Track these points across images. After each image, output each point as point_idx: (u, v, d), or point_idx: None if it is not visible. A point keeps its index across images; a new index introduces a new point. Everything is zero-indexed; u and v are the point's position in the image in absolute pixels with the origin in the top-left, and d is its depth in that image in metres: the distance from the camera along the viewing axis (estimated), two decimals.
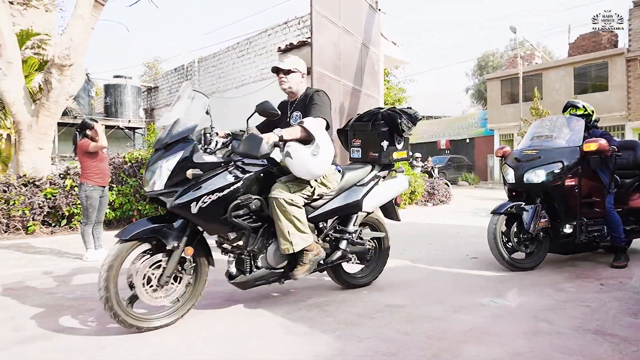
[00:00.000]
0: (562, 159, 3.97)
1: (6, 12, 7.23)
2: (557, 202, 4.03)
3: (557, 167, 3.95)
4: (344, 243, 3.19)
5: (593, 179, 4.12)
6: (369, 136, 3.45)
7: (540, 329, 2.63)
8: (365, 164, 3.42)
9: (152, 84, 16.02)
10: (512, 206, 4.05)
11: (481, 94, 35.34)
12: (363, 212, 3.27)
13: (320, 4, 5.56)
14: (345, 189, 3.20)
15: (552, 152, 4.07)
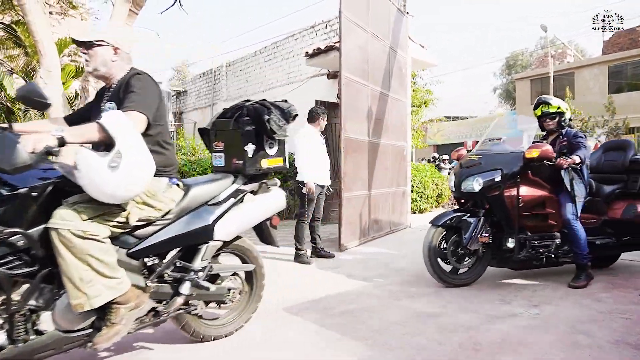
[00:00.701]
0: (502, 166, 3.62)
1: (46, 22, 7.54)
2: (497, 214, 3.69)
3: (496, 175, 3.59)
4: (186, 286, 2.28)
5: (545, 188, 3.80)
6: (232, 138, 2.63)
7: (579, 341, 2.58)
8: (226, 175, 2.57)
9: (181, 88, 16.37)
10: (452, 218, 3.69)
11: (509, 93, 34.57)
12: (217, 241, 2.39)
13: (349, 9, 5.57)
14: (190, 211, 2.33)
15: (494, 158, 3.73)
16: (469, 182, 3.65)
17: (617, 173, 4.22)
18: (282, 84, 10.76)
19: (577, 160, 3.62)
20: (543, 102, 4.06)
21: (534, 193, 3.73)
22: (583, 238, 3.67)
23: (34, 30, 7.19)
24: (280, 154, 2.72)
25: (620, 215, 4.02)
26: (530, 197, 3.69)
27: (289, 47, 10.69)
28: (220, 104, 13.49)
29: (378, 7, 6.48)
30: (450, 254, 3.70)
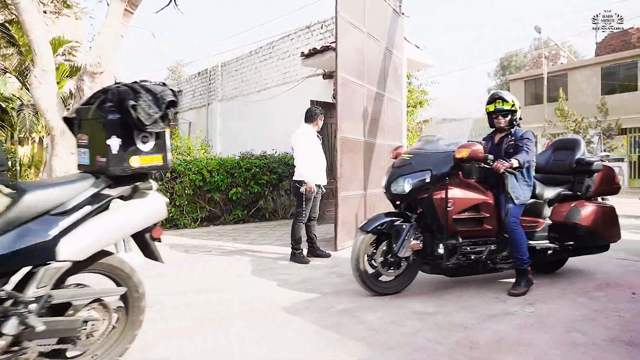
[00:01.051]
0: (432, 166, 3.41)
1: (41, 21, 7.48)
2: (427, 217, 3.46)
3: (425, 176, 3.37)
4: (11, 323, 1.78)
5: (479, 190, 3.56)
6: (94, 129, 2.14)
7: (574, 339, 2.61)
8: (85, 176, 2.10)
9: (176, 88, 16.35)
10: (383, 224, 3.46)
11: None
12: (61, 261, 1.88)
13: (346, 10, 5.59)
14: (23, 222, 1.85)
15: (424, 158, 3.52)
16: (399, 183, 3.46)
17: (565, 174, 4.07)
18: (278, 84, 10.77)
19: (515, 165, 3.41)
20: (498, 97, 3.78)
21: (466, 195, 3.48)
22: (523, 242, 3.51)
23: (28, 29, 7.14)
24: (159, 150, 2.20)
25: (564, 219, 3.84)
26: (462, 199, 3.44)
27: (285, 47, 10.70)
28: (215, 104, 13.48)
29: (374, 8, 6.50)
30: (381, 263, 3.46)
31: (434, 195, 3.38)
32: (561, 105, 18.80)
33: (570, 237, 3.86)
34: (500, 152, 3.69)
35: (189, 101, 15.44)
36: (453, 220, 3.39)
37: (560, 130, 19.26)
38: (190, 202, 7.98)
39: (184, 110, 15.71)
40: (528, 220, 3.77)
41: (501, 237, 3.62)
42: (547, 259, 3.93)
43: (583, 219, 3.80)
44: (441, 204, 3.37)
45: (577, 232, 3.84)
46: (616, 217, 4.06)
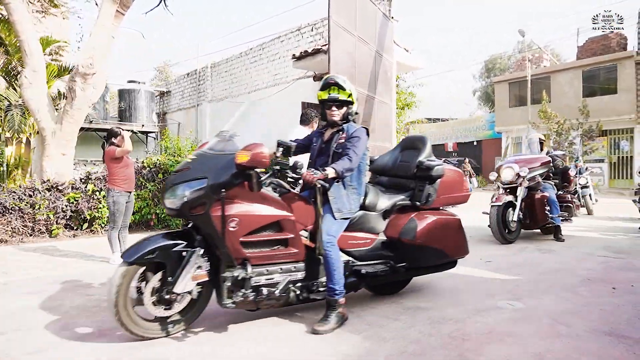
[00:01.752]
0: (210, 173, 2.61)
1: (31, 22, 7.46)
2: (209, 240, 2.68)
3: (200, 186, 2.57)
4: None
5: (279, 204, 2.82)
6: None
7: (559, 331, 2.77)
8: None
9: (165, 89, 16.29)
10: (154, 250, 2.60)
11: (488, 96, 35.36)
12: None
13: (337, 14, 5.73)
14: None
15: (205, 161, 2.74)
16: (174, 193, 2.63)
17: (408, 178, 3.48)
18: (268, 86, 10.85)
19: (330, 175, 2.80)
20: (334, 83, 3.04)
21: (257, 212, 2.71)
22: (336, 268, 2.86)
23: (19, 29, 7.12)
24: None
25: (399, 234, 3.24)
26: (250, 217, 2.67)
27: (275, 49, 10.79)
28: (205, 105, 13.49)
29: (365, 12, 6.65)
30: (152, 302, 2.60)
31: (213, 211, 2.57)
32: (544, 107, 19.21)
33: (404, 257, 3.28)
34: (329, 151, 3.05)
35: (178, 102, 15.41)
36: (241, 243, 2.63)
37: (544, 132, 19.67)
38: None
39: (172, 111, 15.68)
40: (356, 237, 3.14)
41: (318, 259, 2.94)
42: (376, 282, 3.35)
43: (419, 235, 3.22)
44: (219, 222, 2.56)
45: (411, 250, 3.25)
46: (462, 230, 3.54)
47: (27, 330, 2.88)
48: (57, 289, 3.93)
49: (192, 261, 2.60)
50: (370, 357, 2.45)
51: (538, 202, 6.17)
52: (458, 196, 3.64)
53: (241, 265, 2.67)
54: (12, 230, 6.55)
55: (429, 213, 3.39)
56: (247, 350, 2.57)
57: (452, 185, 3.56)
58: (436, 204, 3.45)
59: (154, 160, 8.04)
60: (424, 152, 3.48)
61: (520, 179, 6.04)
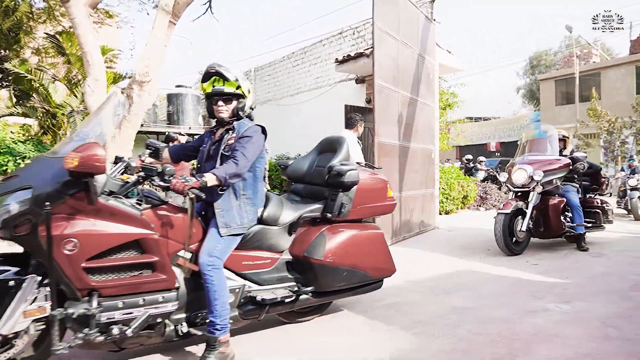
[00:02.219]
0: (34, 181, 2.11)
1: (93, 34, 8.00)
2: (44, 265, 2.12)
3: (24, 198, 2.06)
4: None
5: (137, 220, 2.26)
6: None
7: (608, 334, 2.80)
8: None
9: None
10: None
11: (533, 93, 34.22)
12: None
13: (381, 20, 5.84)
14: None
15: (37, 166, 2.33)
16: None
17: (324, 186, 3.00)
18: (310, 89, 11.09)
19: (209, 183, 2.33)
20: (215, 73, 2.55)
21: (106, 230, 2.17)
22: (219, 297, 2.36)
23: (83, 42, 7.67)
24: None
25: (304, 253, 2.74)
26: (96, 236, 2.15)
27: (317, 53, 11.01)
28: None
29: (407, 16, 6.73)
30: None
31: (41, 230, 2.02)
32: (594, 105, 18.45)
33: (313, 279, 2.77)
34: (218, 153, 2.59)
35: None
36: (84, 269, 2.10)
37: (593, 130, 18.92)
38: None
39: None
40: (253, 257, 2.67)
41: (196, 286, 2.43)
42: (286, 308, 2.81)
43: (329, 253, 2.73)
44: (57, 246, 2.03)
45: (320, 271, 2.73)
46: (385, 246, 3.10)
47: None
48: None
49: (22, 293, 2.06)
50: (422, 352, 2.59)
51: (553, 209, 5.44)
52: (380, 206, 3.16)
53: (88, 297, 2.14)
54: None
55: (344, 226, 2.92)
56: (311, 341, 2.76)
57: (372, 194, 3.10)
58: (354, 215, 2.97)
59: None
60: (339, 155, 3.00)
61: (534, 183, 5.30)
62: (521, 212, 5.36)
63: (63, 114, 10.47)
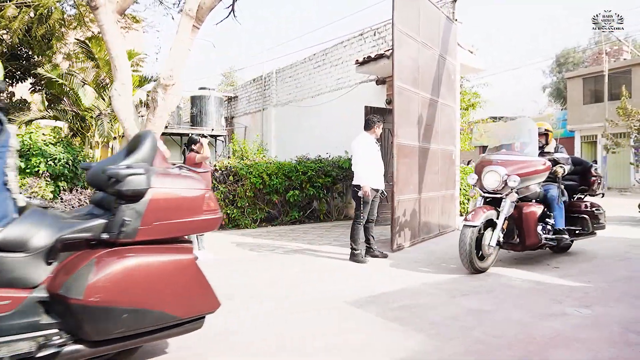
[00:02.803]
0: None
1: (121, 40, 8.25)
2: None
3: None
4: None
5: None
6: None
7: (629, 339, 2.76)
8: None
9: (232, 94, 17.14)
10: None
11: (560, 92, 33.38)
12: None
13: (401, 21, 5.85)
14: None
15: None
16: None
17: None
18: (331, 90, 11.14)
19: None
20: None
21: None
22: None
23: (110, 47, 7.92)
24: None
25: (58, 290, 1.96)
26: None
27: (338, 54, 11.06)
28: (270, 109, 14.07)
29: (428, 17, 6.71)
30: None
31: None
32: (623, 103, 17.88)
33: (76, 325, 1.99)
34: None
35: (244, 106, 16.15)
36: None
37: (623, 130, 18.34)
38: (251, 203, 8.51)
39: (239, 115, 16.46)
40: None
41: None
42: None
43: (93, 290, 1.95)
44: None
45: (83, 314, 1.95)
46: (195, 275, 2.28)
47: None
48: None
49: None
50: (438, 353, 2.61)
51: (528, 218, 4.62)
52: (194, 222, 2.33)
53: None
54: None
55: (133, 250, 2.12)
56: (328, 340, 2.82)
57: (180, 206, 2.28)
58: (148, 234, 2.16)
59: (225, 164, 8.59)
60: (134, 155, 2.29)
61: (508, 190, 4.52)
62: (492, 224, 4.56)
63: (91, 116, 10.84)
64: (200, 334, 2.53)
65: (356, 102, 9.41)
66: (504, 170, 4.52)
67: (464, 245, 4.34)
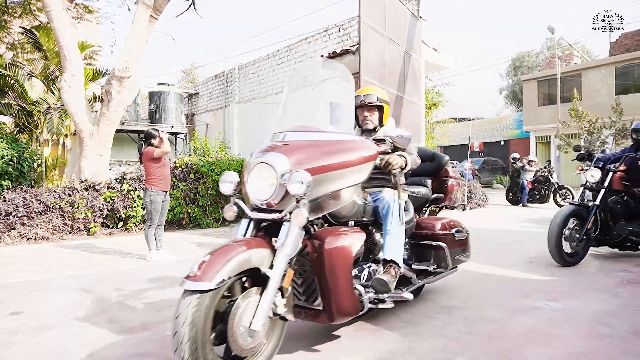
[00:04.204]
0: None
1: (70, 29, 7.73)
2: None
3: None
4: None
5: None
6: None
7: (601, 332, 2.74)
8: None
9: (193, 91, 16.61)
10: None
11: (516, 94, 34.67)
12: None
13: (367, 15, 5.76)
14: None
15: None
16: None
17: None
18: None
19: None
20: None
21: None
22: None
23: (59, 36, 7.40)
24: None
25: None
26: None
27: (302, 51, 10.89)
28: (232, 106, 13.71)
29: (394, 12, 6.66)
30: None
31: None
32: (575, 105, 18.71)
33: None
34: None
35: (206, 103, 15.69)
36: None
37: (575, 130, 19.19)
38: (213, 202, 8.20)
39: (200, 113, 15.97)
40: None
41: None
42: None
43: None
44: None
45: None
46: None
47: (78, 324, 3.02)
48: (100, 285, 4.10)
49: None
50: (410, 354, 2.48)
51: (335, 263, 2.22)
52: None
53: None
54: (52, 227, 6.83)
55: None
56: (292, 344, 2.64)
57: None
58: None
59: (185, 161, 8.24)
60: None
61: (289, 203, 2.14)
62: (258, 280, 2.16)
63: (39, 111, 10.17)
64: None
65: None
66: (284, 161, 2.17)
67: None
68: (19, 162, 8.80)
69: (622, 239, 4.72)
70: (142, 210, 7.39)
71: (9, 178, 8.58)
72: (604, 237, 4.77)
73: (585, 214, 4.63)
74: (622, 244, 4.80)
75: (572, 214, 4.59)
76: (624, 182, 4.83)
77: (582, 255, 4.67)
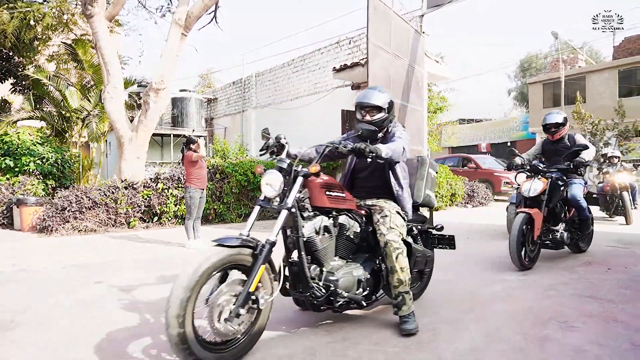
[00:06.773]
0: None
1: (113, 45, 8.75)
2: None
3: None
4: None
5: None
6: None
7: (549, 295, 3.60)
8: None
9: (212, 96, 17.63)
10: None
11: (524, 96, 35.21)
12: None
13: (375, 36, 6.63)
14: None
15: None
16: None
17: None
18: (309, 94, 11.87)
19: None
20: None
21: None
22: None
23: (104, 53, 8.43)
24: None
25: None
26: None
27: (315, 61, 11.80)
28: (250, 111, 14.68)
29: (399, 31, 7.52)
30: None
31: None
32: (578, 108, 19.35)
33: None
34: None
35: (224, 108, 16.69)
36: None
37: (578, 132, 19.81)
38: (236, 199, 9.14)
39: (219, 117, 16.97)
40: None
41: None
42: None
43: None
44: None
45: None
46: None
47: (152, 286, 3.95)
48: (157, 266, 5.04)
49: None
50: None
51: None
52: None
53: None
54: (99, 221, 7.83)
55: None
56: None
57: None
58: None
59: (212, 162, 9.19)
60: None
61: None
62: None
63: (78, 117, 11.19)
64: None
65: (333, 105, 10.17)
66: None
67: None
68: (61, 163, 9.86)
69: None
70: (174, 207, 8.35)
71: (52, 178, 9.65)
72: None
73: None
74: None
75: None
76: None
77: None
